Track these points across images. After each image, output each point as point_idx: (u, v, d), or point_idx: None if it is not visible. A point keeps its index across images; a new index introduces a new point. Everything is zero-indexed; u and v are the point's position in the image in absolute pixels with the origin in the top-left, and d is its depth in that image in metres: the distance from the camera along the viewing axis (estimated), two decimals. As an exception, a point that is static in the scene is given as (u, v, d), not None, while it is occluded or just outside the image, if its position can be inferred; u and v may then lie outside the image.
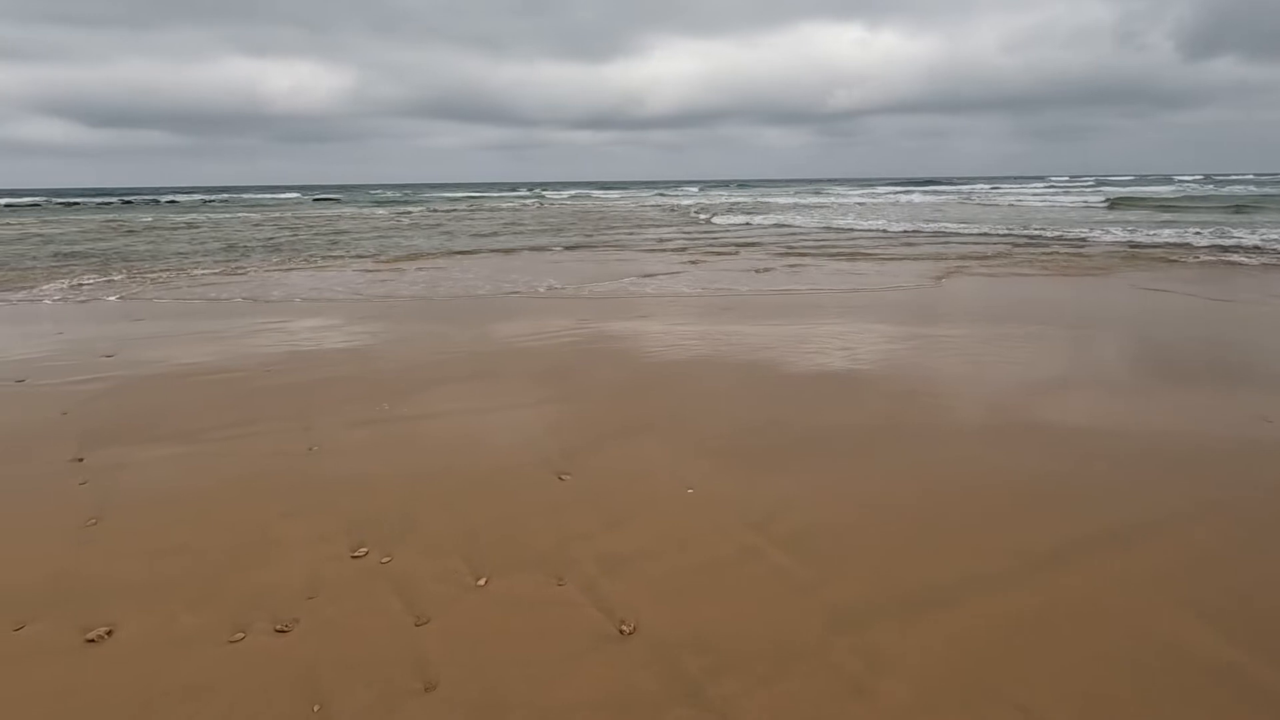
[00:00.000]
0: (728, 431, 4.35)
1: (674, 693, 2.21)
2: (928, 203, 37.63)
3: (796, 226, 22.29)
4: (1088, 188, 55.03)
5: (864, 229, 20.84)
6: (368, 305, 9.27)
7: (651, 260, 13.99)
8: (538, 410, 4.85)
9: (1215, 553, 2.94)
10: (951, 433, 4.32)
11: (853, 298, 9.31)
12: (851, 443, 4.18)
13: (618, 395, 5.17)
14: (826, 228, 21.54)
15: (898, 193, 54.54)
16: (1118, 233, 17.33)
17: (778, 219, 25.53)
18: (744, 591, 2.72)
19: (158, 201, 56.76)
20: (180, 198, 64.05)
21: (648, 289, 10.24)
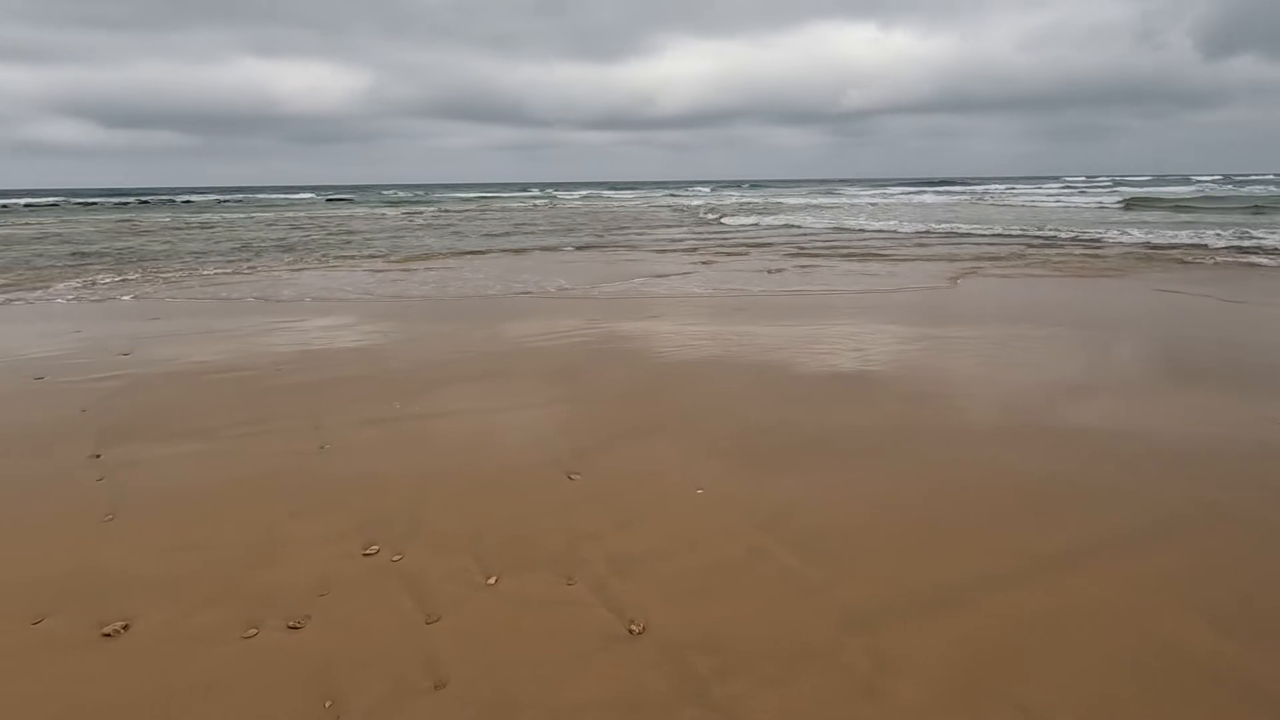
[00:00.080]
0: (738, 432, 4.35)
1: (683, 693, 2.21)
2: (941, 203, 37.40)
3: (808, 227, 22.23)
4: (1104, 188, 54.44)
5: (876, 230, 20.75)
6: (378, 305, 9.32)
7: (662, 261, 13.99)
8: (548, 410, 4.86)
9: (1225, 555, 2.91)
10: (962, 434, 4.29)
11: (864, 299, 9.27)
12: (862, 444, 4.16)
13: (628, 395, 5.18)
14: (838, 228, 21.46)
15: (910, 193, 54.23)
16: (1135, 234, 17.15)
17: (789, 219, 25.47)
18: (754, 592, 2.72)
19: (173, 201, 57.37)
20: (195, 198, 64.71)
21: (659, 289, 10.24)
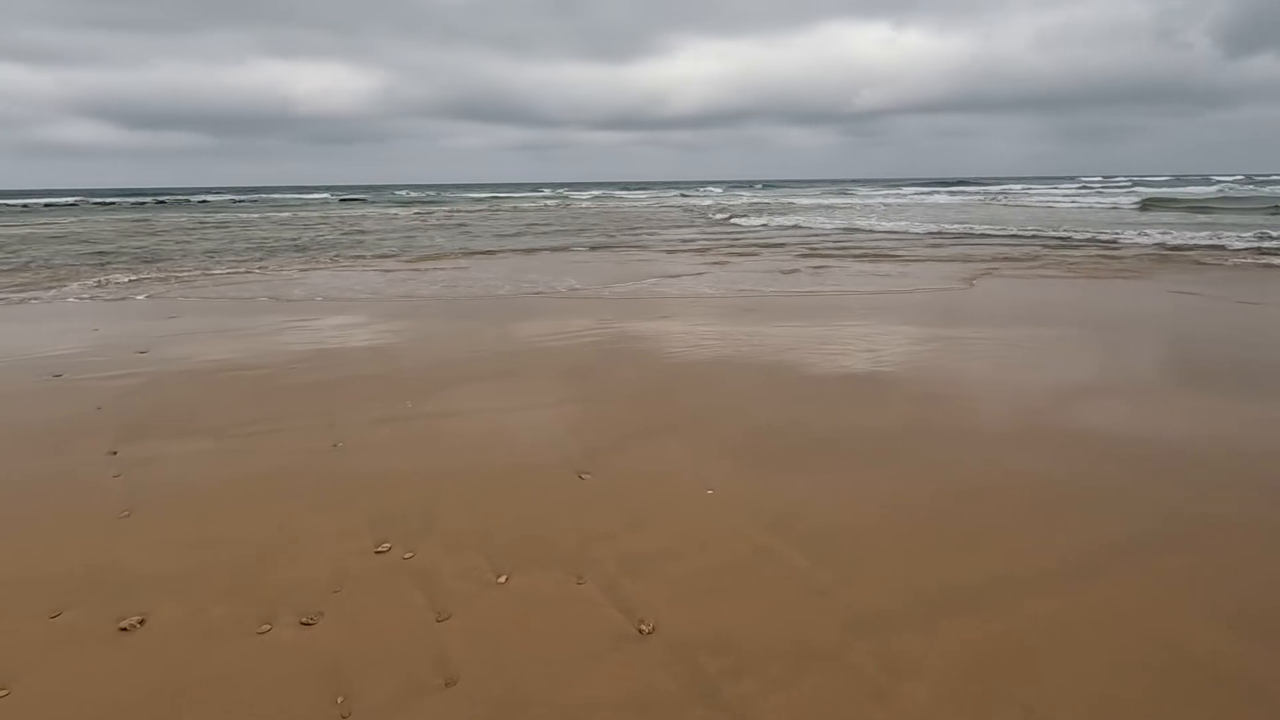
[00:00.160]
0: (749, 432, 4.34)
1: (692, 693, 2.21)
2: (954, 203, 37.15)
3: (820, 227, 22.14)
4: (1121, 189, 53.78)
5: (888, 230, 20.65)
6: (391, 304, 9.38)
7: (674, 261, 13.99)
8: (559, 410, 4.88)
9: (1237, 559, 2.88)
10: (973, 436, 4.27)
11: (875, 299, 9.23)
12: (873, 445, 4.14)
13: (639, 395, 5.18)
14: (851, 229, 21.37)
15: (923, 193, 53.89)
16: (1153, 234, 16.96)
17: (801, 220, 25.38)
18: (764, 593, 2.71)
19: (189, 201, 57.98)
20: (211, 198, 65.36)
21: (670, 289, 10.24)
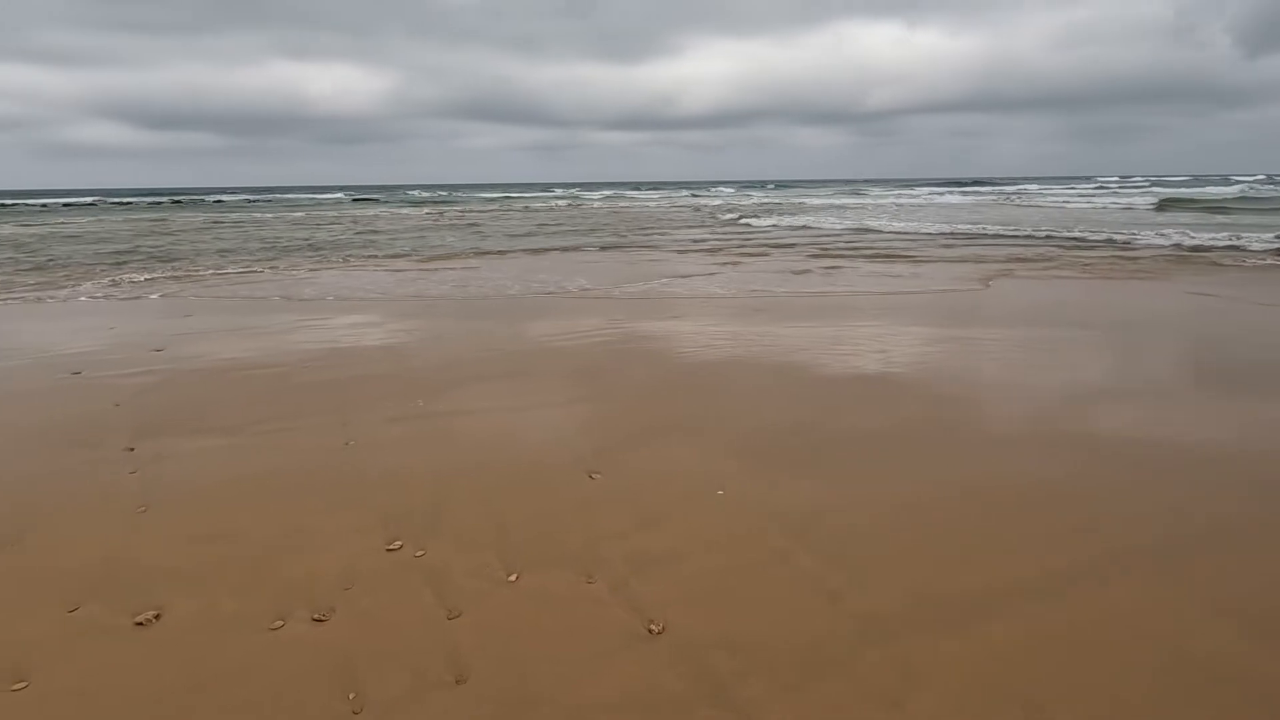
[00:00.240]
0: (760, 433, 4.33)
1: (701, 694, 2.22)
2: (967, 204, 36.90)
3: (832, 228, 22.06)
4: (1139, 189, 53.15)
5: (900, 230, 20.53)
6: (403, 304, 9.44)
7: (684, 261, 13.98)
8: (570, 409, 4.89)
9: (1254, 563, 2.84)
10: (986, 438, 4.24)
11: (887, 300, 9.18)
12: (884, 446, 4.12)
13: (649, 395, 5.18)
14: (863, 229, 21.27)
15: (936, 193, 53.55)
16: (1170, 235, 16.75)
17: (813, 220, 25.28)
18: (773, 594, 2.71)
19: (205, 201, 58.55)
20: (227, 198, 65.92)
21: (680, 290, 10.24)
